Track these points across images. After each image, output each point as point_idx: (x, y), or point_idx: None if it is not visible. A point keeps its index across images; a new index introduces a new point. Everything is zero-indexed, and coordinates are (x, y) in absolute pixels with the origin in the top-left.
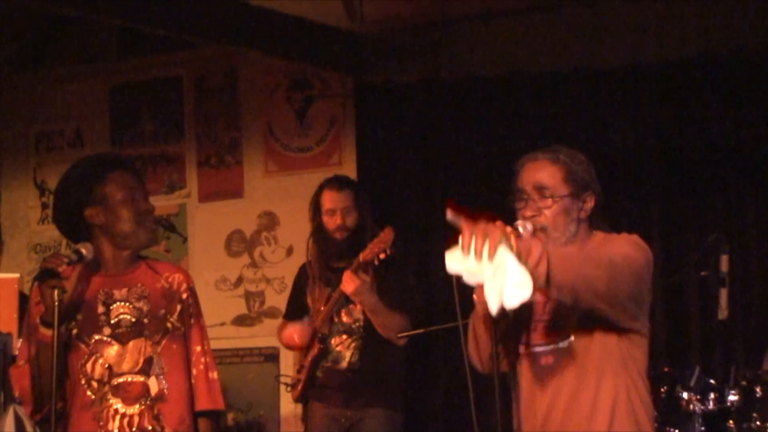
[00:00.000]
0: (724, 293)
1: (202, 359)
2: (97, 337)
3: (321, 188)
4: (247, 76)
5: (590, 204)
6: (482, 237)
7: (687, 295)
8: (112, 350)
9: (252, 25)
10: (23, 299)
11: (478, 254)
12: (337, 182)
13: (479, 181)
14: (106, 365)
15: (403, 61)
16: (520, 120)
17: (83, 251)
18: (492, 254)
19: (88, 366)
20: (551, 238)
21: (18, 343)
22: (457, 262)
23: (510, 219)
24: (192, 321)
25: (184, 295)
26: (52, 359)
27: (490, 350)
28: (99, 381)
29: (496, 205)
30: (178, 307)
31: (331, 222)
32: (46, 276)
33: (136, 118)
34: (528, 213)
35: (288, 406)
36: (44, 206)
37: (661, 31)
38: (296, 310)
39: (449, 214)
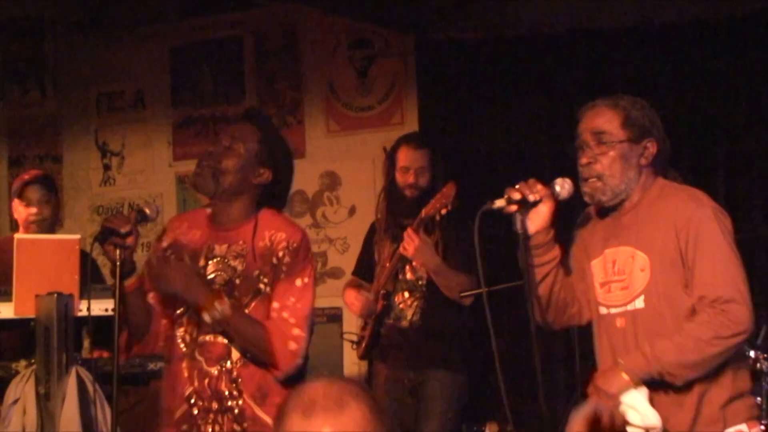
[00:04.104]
0: None
1: (274, 315)
2: None
3: (398, 144)
4: (307, 35)
5: (652, 150)
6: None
7: (753, 253)
8: None
9: None
10: (84, 261)
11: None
12: (415, 140)
13: (543, 137)
14: (196, 320)
15: (464, 18)
16: (583, 76)
17: (147, 211)
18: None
19: (184, 318)
20: (608, 186)
21: (80, 304)
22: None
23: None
24: (282, 276)
25: (280, 254)
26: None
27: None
28: (189, 335)
29: (560, 160)
30: (271, 267)
31: (403, 179)
32: (108, 235)
33: (196, 78)
34: (584, 160)
35: (351, 366)
36: (106, 168)
37: None
38: (365, 266)
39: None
